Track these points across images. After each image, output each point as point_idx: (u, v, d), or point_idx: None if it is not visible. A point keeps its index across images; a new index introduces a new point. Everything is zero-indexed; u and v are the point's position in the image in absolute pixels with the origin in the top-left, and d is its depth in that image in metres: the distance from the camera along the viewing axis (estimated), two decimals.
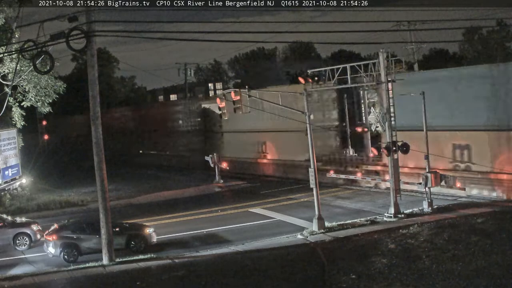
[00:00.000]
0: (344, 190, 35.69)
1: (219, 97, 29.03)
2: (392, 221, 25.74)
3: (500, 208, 26.41)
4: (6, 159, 38.04)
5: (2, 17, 30.50)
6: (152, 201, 37.48)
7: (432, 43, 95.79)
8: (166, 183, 44.78)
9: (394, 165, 26.61)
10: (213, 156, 42.44)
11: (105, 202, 22.38)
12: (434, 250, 20.37)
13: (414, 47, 50.43)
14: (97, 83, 22.44)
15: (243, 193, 38.53)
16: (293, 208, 31.34)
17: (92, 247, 23.22)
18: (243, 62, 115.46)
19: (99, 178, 22.44)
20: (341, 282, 18.03)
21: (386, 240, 22.37)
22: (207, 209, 32.48)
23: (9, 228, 25.92)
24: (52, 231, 23.84)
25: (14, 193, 38.69)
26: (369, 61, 27.83)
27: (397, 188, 26.58)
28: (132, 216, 31.18)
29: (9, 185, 38.61)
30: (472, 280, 16.97)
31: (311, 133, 26.22)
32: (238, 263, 21.00)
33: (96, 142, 22.37)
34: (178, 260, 22.14)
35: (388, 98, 26.74)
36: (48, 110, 35.46)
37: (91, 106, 22.36)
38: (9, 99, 32.15)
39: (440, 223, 24.24)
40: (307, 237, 24.33)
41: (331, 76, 27.96)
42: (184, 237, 26.44)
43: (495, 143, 28.80)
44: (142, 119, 66.77)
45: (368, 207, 30.03)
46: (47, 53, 22.32)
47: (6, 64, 30.98)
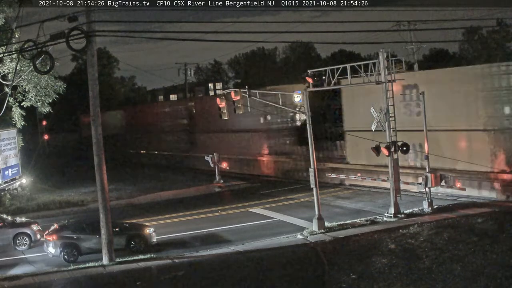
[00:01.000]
0: (344, 190, 35.68)
1: (219, 97, 29.00)
2: (392, 221, 25.73)
3: (500, 208, 26.41)
4: (6, 159, 38.04)
5: (2, 17, 30.47)
6: (152, 201, 37.49)
7: (432, 43, 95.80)
8: (166, 183, 44.79)
9: (394, 165, 26.61)
10: (213, 156, 42.41)
11: (105, 202, 22.38)
12: (434, 250, 20.37)
13: (414, 47, 50.39)
14: (97, 83, 22.44)
15: (243, 193, 38.53)
16: (293, 208, 31.34)
17: (92, 247, 23.22)
18: (243, 62, 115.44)
19: (99, 178, 22.44)
20: (341, 282, 18.04)
21: (386, 240, 22.37)
22: (207, 209, 32.48)
23: (9, 228, 25.92)
24: (52, 231, 23.85)
25: (14, 193, 38.70)
26: (369, 61, 27.82)
27: (397, 188, 26.58)
28: (132, 216, 31.18)
29: (9, 185, 38.61)
30: (472, 280, 16.98)
31: (311, 133, 26.20)
32: (238, 263, 21.00)
33: (96, 142, 22.37)
34: (178, 260, 22.14)
35: (388, 98, 26.74)
36: (48, 110, 35.44)
37: (91, 106, 22.36)
38: (9, 99, 32.14)
39: (440, 223, 24.23)
40: (307, 237, 24.33)
41: (331, 76, 27.94)
42: (184, 237, 26.44)
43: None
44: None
45: (368, 207, 30.03)
46: (47, 53, 22.32)
47: (6, 64, 30.94)
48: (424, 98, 28.22)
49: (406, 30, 49.50)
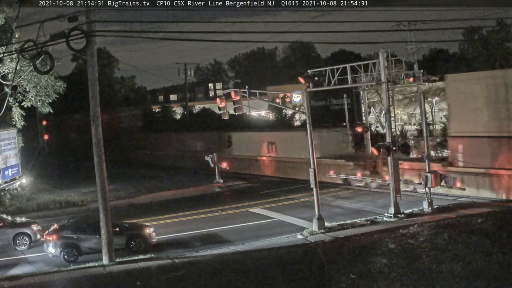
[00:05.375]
0: (344, 190, 35.68)
1: (219, 97, 29.00)
2: (392, 221, 25.74)
3: (500, 208, 26.42)
4: (6, 159, 38.01)
5: (2, 17, 30.47)
6: (152, 201, 37.47)
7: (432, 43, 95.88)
8: (166, 183, 44.77)
9: (394, 165, 26.61)
10: (213, 156, 42.39)
11: (105, 202, 22.37)
12: (434, 250, 20.37)
13: (414, 47, 50.42)
14: (97, 83, 22.43)
15: (243, 193, 38.53)
16: (293, 208, 31.33)
17: (92, 247, 23.22)
18: (243, 62, 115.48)
19: (99, 178, 22.44)
20: (341, 282, 18.05)
21: (386, 240, 22.37)
22: (207, 209, 32.47)
23: (9, 228, 25.91)
24: (52, 231, 23.84)
25: (14, 193, 38.69)
26: (369, 61, 27.82)
27: (397, 188, 26.59)
28: (132, 216, 31.14)
29: (9, 185, 38.59)
30: (472, 280, 16.98)
31: (311, 133, 26.21)
32: (238, 263, 21.00)
33: (96, 142, 22.36)
34: (178, 260, 22.14)
35: (388, 98, 26.75)
36: (48, 110, 35.44)
37: (91, 106, 22.34)
38: (9, 99, 32.16)
39: (440, 223, 24.24)
40: (307, 237, 24.33)
41: (331, 76, 27.95)
42: (184, 237, 26.44)
43: None
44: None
45: (368, 207, 30.03)
46: (47, 53, 22.30)
47: (6, 64, 30.94)
48: (423, 100, 28.11)
49: (406, 30, 49.55)
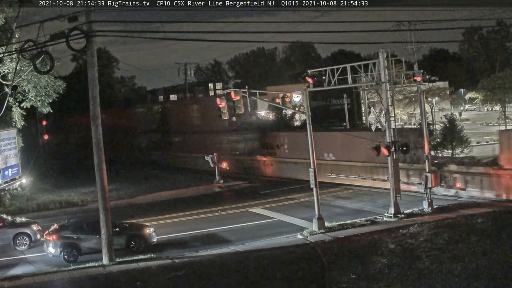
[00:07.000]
0: (344, 190, 35.68)
1: (219, 98, 28.99)
2: (392, 221, 25.73)
3: (500, 208, 26.40)
4: (6, 159, 38.02)
5: (2, 17, 30.52)
6: (152, 201, 37.47)
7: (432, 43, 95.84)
8: (166, 183, 44.78)
9: (394, 165, 26.61)
10: (213, 156, 42.39)
11: (105, 202, 22.37)
12: (434, 250, 20.35)
13: (414, 47, 50.47)
14: (97, 83, 22.44)
15: (243, 193, 38.53)
16: (293, 208, 31.33)
17: (92, 247, 23.22)
18: (243, 62, 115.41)
19: (99, 178, 22.43)
20: (341, 282, 18.02)
21: (386, 240, 22.36)
22: (207, 209, 32.47)
23: (9, 228, 25.93)
24: (52, 231, 23.84)
25: (14, 193, 38.69)
26: (369, 61, 27.82)
27: (397, 188, 26.58)
28: (132, 216, 31.15)
29: (9, 185, 38.60)
30: (472, 280, 16.96)
31: (311, 133, 26.20)
32: (238, 263, 21.00)
33: (96, 142, 22.36)
34: (178, 260, 22.14)
35: (388, 98, 26.74)
36: (48, 110, 35.46)
37: (91, 106, 22.35)
38: (9, 99, 32.18)
39: (440, 223, 24.23)
40: (307, 237, 24.33)
41: (331, 76, 27.96)
42: (184, 237, 26.44)
43: None
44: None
45: (368, 207, 30.03)
46: (47, 53, 22.31)
47: (6, 64, 30.98)
48: (423, 100, 28.15)
49: (406, 30, 49.60)
